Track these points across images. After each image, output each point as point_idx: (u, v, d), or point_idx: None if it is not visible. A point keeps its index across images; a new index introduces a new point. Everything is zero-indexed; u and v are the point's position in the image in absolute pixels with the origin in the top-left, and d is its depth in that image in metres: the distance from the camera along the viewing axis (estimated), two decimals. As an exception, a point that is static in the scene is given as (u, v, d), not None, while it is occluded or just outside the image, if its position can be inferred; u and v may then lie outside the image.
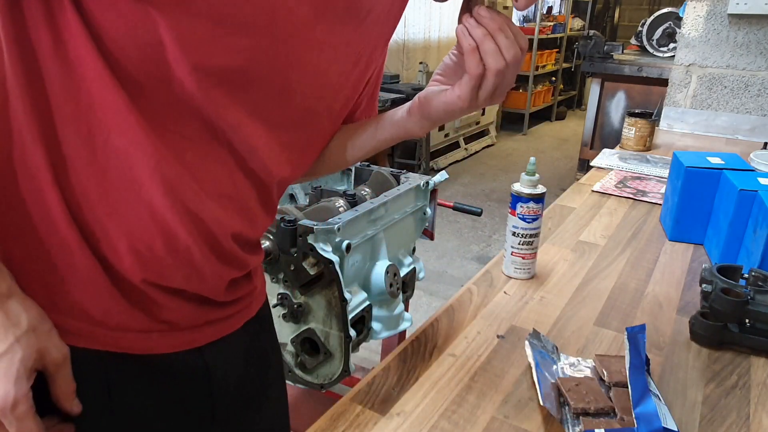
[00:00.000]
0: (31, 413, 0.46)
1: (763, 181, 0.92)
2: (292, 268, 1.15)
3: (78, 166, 0.46)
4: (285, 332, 1.25)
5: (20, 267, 0.48)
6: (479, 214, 1.71)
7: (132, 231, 0.49)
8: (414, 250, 1.47)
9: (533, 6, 6.77)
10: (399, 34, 4.45)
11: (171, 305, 0.55)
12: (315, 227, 1.10)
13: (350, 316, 1.18)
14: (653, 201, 1.28)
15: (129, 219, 0.48)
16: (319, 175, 0.77)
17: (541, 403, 0.57)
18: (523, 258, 0.89)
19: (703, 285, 0.74)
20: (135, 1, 0.41)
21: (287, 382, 1.30)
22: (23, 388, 0.46)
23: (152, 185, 0.47)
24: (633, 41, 3.93)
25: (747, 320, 0.73)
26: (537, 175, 0.86)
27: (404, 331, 1.50)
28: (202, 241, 0.53)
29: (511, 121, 6.57)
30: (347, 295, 1.15)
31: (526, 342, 0.68)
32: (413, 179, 1.41)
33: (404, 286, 1.41)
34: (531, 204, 0.86)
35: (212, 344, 0.62)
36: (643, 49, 3.68)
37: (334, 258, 1.12)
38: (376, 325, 1.30)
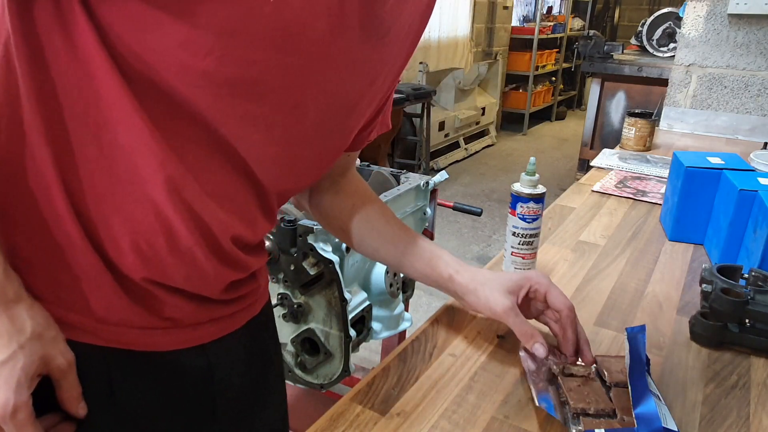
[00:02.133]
0: (30, 420, 0.46)
1: (763, 181, 0.92)
2: (292, 268, 1.15)
3: (84, 163, 0.47)
4: (285, 332, 1.25)
5: (27, 261, 0.49)
6: (479, 214, 1.71)
7: (135, 229, 0.49)
8: (414, 250, 1.46)
9: (532, 6, 6.77)
10: (399, 34, 4.45)
11: (173, 302, 0.55)
12: (315, 227, 1.10)
13: (350, 316, 1.18)
14: (653, 201, 1.28)
15: (133, 216, 0.49)
16: (325, 227, 0.80)
17: (537, 404, 0.57)
18: (523, 258, 0.89)
19: (703, 285, 0.74)
20: (145, 5, 0.41)
21: (287, 382, 1.30)
22: (23, 396, 0.46)
23: (156, 184, 0.48)
24: (633, 41, 3.93)
25: (747, 320, 0.73)
26: (537, 175, 0.86)
27: (404, 331, 1.50)
28: (203, 242, 0.53)
29: (511, 121, 6.57)
30: (347, 295, 1.15)
31: (521, 348, 0.67)
32: (413, 179, 1.41)
33: (404, 286, 1.41)
34: (531, 204, 0.86)
35: (215, 342, 0.62)
36: (643, 49, 3.68)
37: (334, 258, 1.12)
38: (376, 325, 1.30)
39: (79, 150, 0.46)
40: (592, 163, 1.59)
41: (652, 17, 3.57)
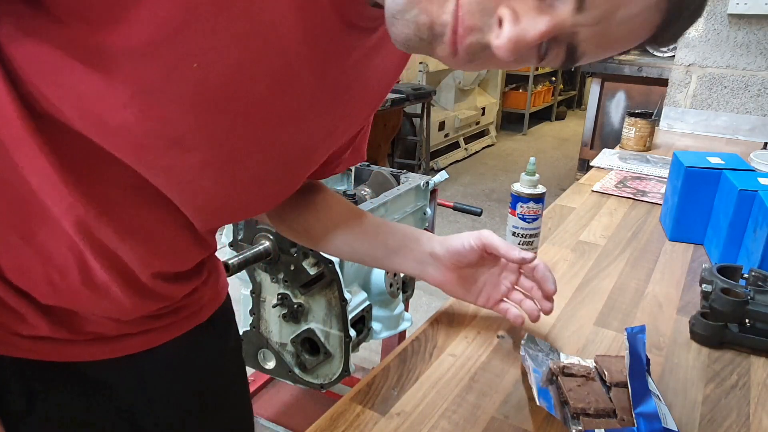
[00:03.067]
0: None
1: (763, 181, 0.92)
2: (292, 268, 1.15)
3: None
4: (285, 332, 1.25)
5: None
6: (479, 214, 1.71)
7: (47, 262, 0.47)
8: (414, 250, 1.46)
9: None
10: (399, 34, 4.44)
11: (95, 320, 0.53)
12: (315, 227, 1.10)
13: (350, 316, 1.18)
14: (653, 201, 1.28)
15: (44, 250, 0.47)
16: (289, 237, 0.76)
17: (537, 403, 0.57)
18: (523, 258, 0.89)
19: (703, 285, 0.74)
20: (60, 52, 0.38)
21: (287, 382, 1.30)
22: None
23: (66, 224, 0.45)
24: (633, 41, 3.92)
25: (747, 320, 0.73)
26: (537, 175, 0.86)
27: (404, 331, 1.50)
28: (120, 279, 0.50)
29: (511, 121, 6.57)
30: (347, 295, 1.15)
31: (522, 347, 0.67)
32: (413, 179, 1.41)
33: (404, 286, 1.41)
34: (531, 204, 0.86)
35: (146, 352, 0.59)
36: (643, 49, 3.68)
37: (334, 258, 1.12)
38: (376, 325, 1.30)
39: None
40: (592, 163, 1.59)
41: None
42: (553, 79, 7.12)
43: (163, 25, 0.37)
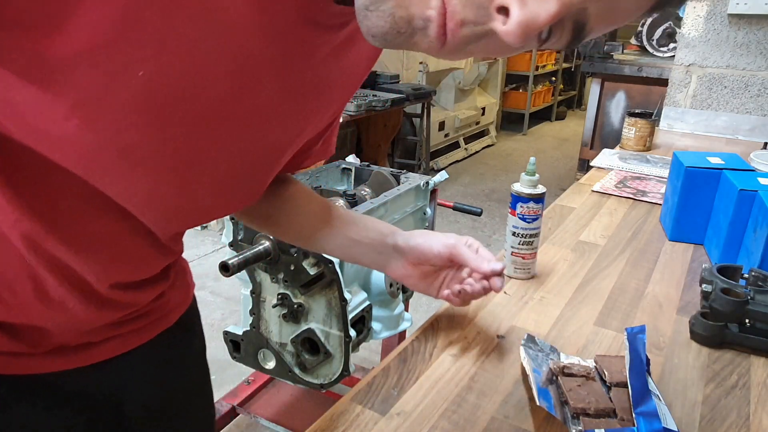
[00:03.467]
0: None
1: (763, 181, 0.92)
2: (292, 268, 1.15)
3: None
4: (285, 332, 1.25)
5: None
6: (479, 214, 1.71)
7: (1, 276, 0.46)
8: (414, 250, 1.46)
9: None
10: (399, 34, 4.44)
11: (55, 332, 0.51)
12: (315, 227, 1.10)
13: (350, 316, 1.18)
14: (653, 201, 1.28)
15: None
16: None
17: (537, 403, 0.57)
18: (523, 258, 0.89)
19: (703, 285, 0.74)
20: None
21: (287, 381, 1.30)
22: None
23: (14, 238, 0.44)
24: (633, 41, 3.92)
25: (747, 320, 0.73)
26: (537, 175, 0.86)
27: (404, 331, 1.50)
28: (77, 292, 0.48)
29: (511, 121, 6.57)
30: (347, 295, 1.15)
31: (522, 347, 0.67)
32: (413, 179, 1.41)
33: (404, 286, 1.41)
34: (531, 204, 0.86)
35: (109, 361, 0.58)
36: (643, 49, 3.68)
37: (334, 258, 1.12)
38: (376, 325, 1.30)
39: None
40: (592, 163, 1.59)
41: (652, 17, 3.57)
42: (553, 79, 7.12)
43: (101, 32, 0.35)
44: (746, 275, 0.77)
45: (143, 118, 0.39)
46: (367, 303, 1.25)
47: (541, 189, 0.86)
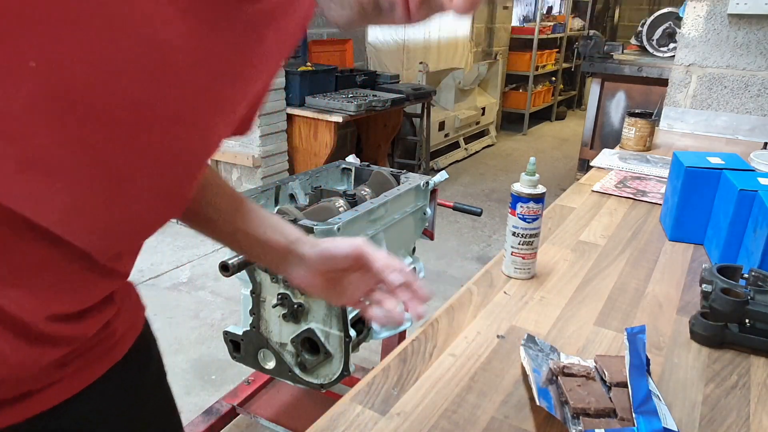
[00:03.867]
0: None
1: (763, 181, 0.92)
2: (292, 268, 1.15)
3: None
4: (285, 332, 1.25)
5: None
6: (479, 214, 1.71)
7: None
8: (414, 250, 1.47)
9: (532, 6, 6.77)
10: (399, 34, 4.45)
11: None
12: (315, 227, 1.10)
13: (350, 316, 1.18)
14: (653, 201, 1.28)
15: None
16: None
17: (537, 403, 0.57)
18: (523, 258, 0.89)
19: (703, 285, 0.74)
20: None
21: (287, 381, 1.30)
22: None
23: None
24: (633, 41, 3.93)
25: (747, 320, 0.73)
26: (537, 175, 0.86)
27: (404, 331, 1.50)
28: (6, 332, 0.43)
29: (511, 121, 6.57)
30: (347, 295, 1.15)
31: (522, 347, 0.67)
32: (413, 179, 1.41)
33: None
34: (531, 204, 0.86)
35: (55, 408, 0.51)
36: (643, 49, 3.68)
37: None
38: (376, 325, 1.30)
39: None
40: (592, 163, 1.60)
41: (652, 17, 3.57)
42: (553, 79, 7.12)
43: None
44: (746, 275, 0.77)
45: (45, 119, 0.33)
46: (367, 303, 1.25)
47: (541, 189, 0.86)
